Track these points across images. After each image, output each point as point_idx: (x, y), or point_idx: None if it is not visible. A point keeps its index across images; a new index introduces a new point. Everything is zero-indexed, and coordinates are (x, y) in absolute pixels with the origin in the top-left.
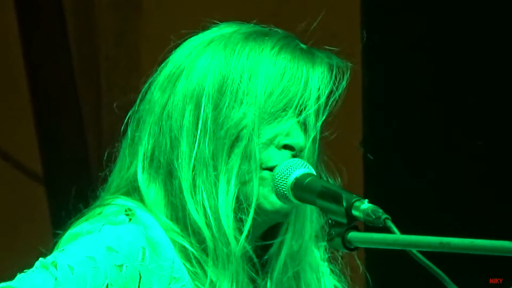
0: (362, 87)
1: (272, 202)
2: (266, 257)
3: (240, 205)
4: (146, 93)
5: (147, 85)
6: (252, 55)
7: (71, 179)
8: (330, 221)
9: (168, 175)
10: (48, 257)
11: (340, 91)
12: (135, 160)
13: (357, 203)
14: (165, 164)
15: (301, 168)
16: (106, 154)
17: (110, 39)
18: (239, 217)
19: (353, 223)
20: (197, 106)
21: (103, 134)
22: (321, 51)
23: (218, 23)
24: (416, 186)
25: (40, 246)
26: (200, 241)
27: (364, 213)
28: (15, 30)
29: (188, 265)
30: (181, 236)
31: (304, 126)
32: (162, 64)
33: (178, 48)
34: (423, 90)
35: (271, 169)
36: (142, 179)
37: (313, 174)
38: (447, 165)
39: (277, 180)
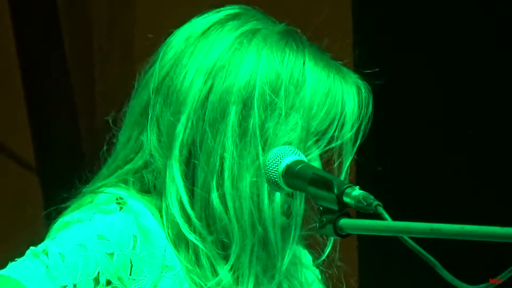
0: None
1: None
2: None
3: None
4: (166, 64)
5: (164, 55)
6: (298, 65)
7: (65, 168)
8: (321, 208)
9: (200, 168)
10: (39, 245)
11: (369, 114)
12: (154, 135)
13: (348, 190)
14: (199, 154)
15: (292, 155)
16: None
17: (103, 29)
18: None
19: (344, 210)
20: (246, 108)
21: (97, 124)
22: (347, 69)
23: (242, 6)
24: (409, 177)
25: (34, 235)
26: (220, 240)
27: (355, 200)
28: (7, 21)
29: (184, 260)
30: (193, 231)
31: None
32: (186, 37)
33: (208, 28)
34: (417, 78)
35: None
36: (176, 162)
37: (304, 161)
38: (441, 156)
39: (268, 167)
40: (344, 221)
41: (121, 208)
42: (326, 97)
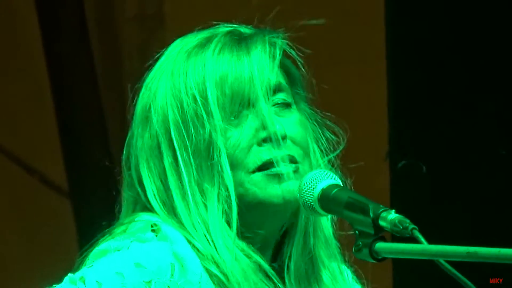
0: (388, 92)
1: (277, 194)
2: (279, 262)
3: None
4: (132, 135)
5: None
6: (197, 72)
7: (96, 192)
8: (357, 232)
9: (176, 215)
10: (77, 273)
11: (277, 59)
12: (141, 204)
13: (384, 214)
14: (168, 204)
15: (327, 179)
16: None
17: (134, 54)
18: (246, 235)
19: (380, 234)
20: (170, 142)
21: None
22: (255, 32)
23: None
24: (443, 196)
25: (67, 259)
26: (219, 268)
27: (391, 224)
28: (40, 47)
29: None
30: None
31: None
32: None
33: (142, 83)
34: (453, 95)
35: (260, 168)
36: (163, 219)
37: (340, 185)
38: (474, 174)
39: (303, 191)
40: (380, 245)
41: (157, 235)
42: (226, 82)
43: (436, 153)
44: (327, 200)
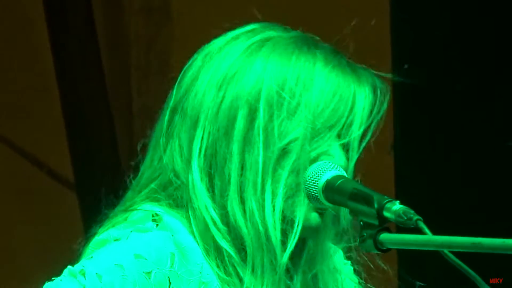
0: (392, 84)
1: (313, 219)
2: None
3: (285, 218)
4: (184, 83)
5: (183, 75)
6: (307, 66)
7: (103, 185)
8: (361, 223)
9: (217, 176)
10: (76, 265)
11: (381, 114)
12: (175, 151)
13: (388, 205)
14: (215, 163)
15: (332, 170)
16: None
17: (140, 45)
18: (283, 229)
19: (384, 225)
20: (252, 111)
21: (134, 140)
22: (364, 69)
23: (259, 22)
24: (448, 188)
25: (74, 251)
26: (239, 246)
27: (395, 214)
28: (45, 39)
29: (217, 270)
30: (224, 238)
31: (344, 146)
32: (204, 55)
33: (224, 44)
34: (460, 87)
35: None
36: (197, 174)
37: (344, 176)
38: (480, 166)
39: (308, 182)
40: (384, 236)
41: (157, 225)
42: (333, 96)
43: (442, 145)
44: (331, 191)
